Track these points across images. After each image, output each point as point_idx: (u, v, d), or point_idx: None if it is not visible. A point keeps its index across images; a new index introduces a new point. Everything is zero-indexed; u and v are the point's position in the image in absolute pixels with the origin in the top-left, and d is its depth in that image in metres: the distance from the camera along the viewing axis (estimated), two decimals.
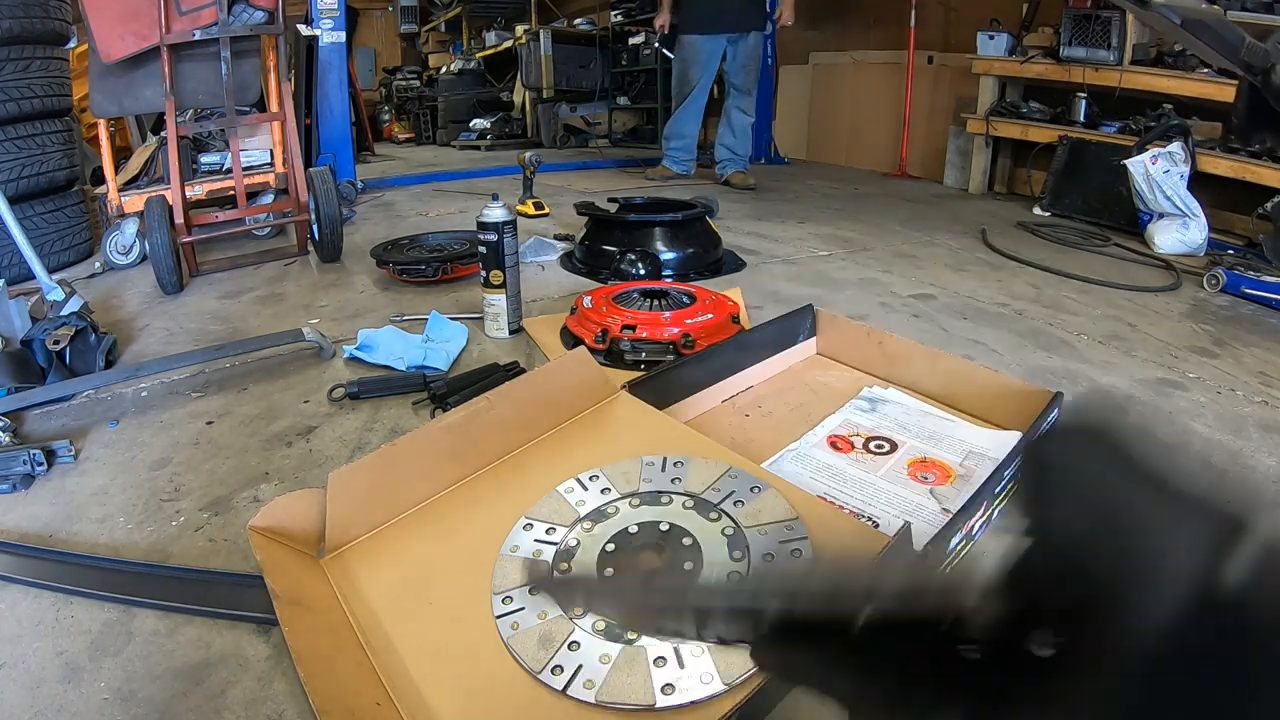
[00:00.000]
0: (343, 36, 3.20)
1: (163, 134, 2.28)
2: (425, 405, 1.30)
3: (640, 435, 1.02)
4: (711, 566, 0.77)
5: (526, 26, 6.69)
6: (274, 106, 2.30)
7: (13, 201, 1.81)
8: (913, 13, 3.92)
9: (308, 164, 2.72)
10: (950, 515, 0.87)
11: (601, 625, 0.70)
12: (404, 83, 8.17)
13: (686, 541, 0.81)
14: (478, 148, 6.21)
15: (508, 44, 6.99)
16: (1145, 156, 2.59)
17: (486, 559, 0.81)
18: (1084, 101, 3.23)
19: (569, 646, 0.69)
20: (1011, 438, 1.12)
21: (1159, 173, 2.55)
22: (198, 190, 2.39)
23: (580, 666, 0.67)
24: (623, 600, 0.40)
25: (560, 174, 4.27)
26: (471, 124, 6.56)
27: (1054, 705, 0.21)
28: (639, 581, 0.44)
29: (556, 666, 0.67)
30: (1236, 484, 0.21)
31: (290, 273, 2.21)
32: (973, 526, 0.86)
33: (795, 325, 1.42)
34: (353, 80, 4.86)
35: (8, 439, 1.15)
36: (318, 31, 3.06)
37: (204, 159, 2.64)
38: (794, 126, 5.27)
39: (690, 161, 3.90)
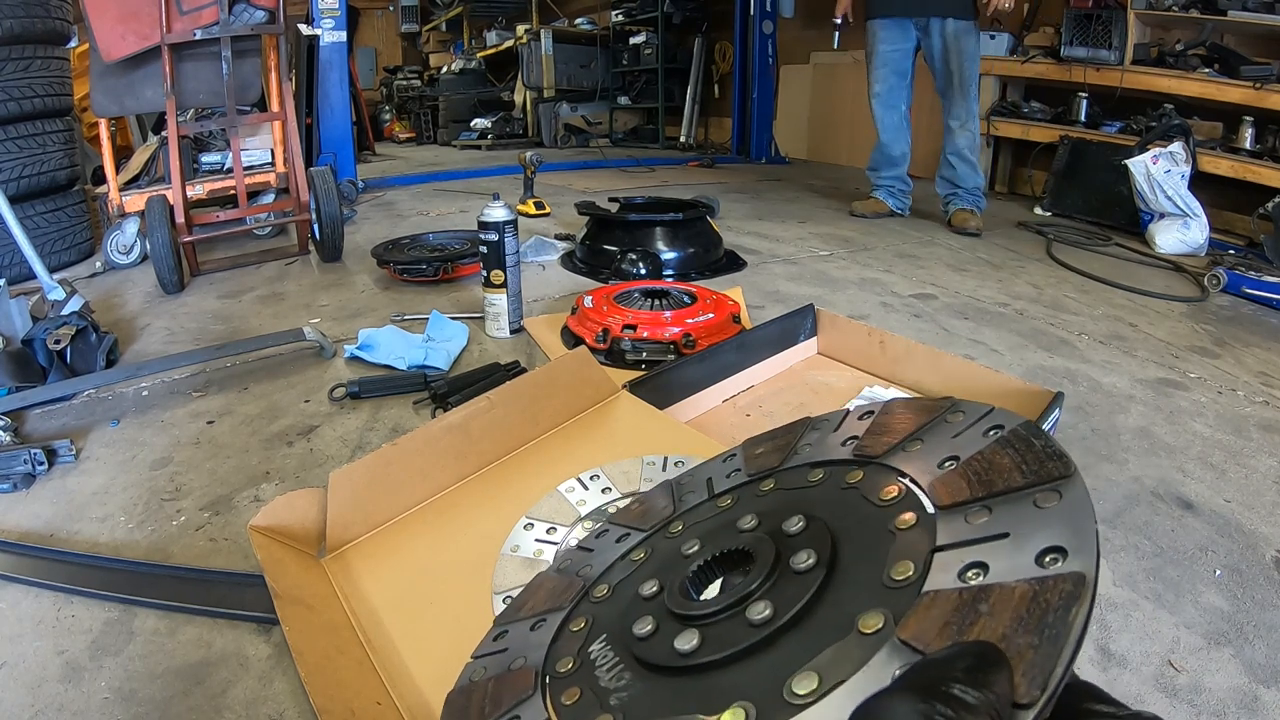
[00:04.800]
0: (344, 36, 3.20)
1: (163, 133, 2.28)
2: (426, 405, 1.30)
3: (641, 435, 1.02)
4: None
5: (527, 26, 6.71)
6: (275, 106, 2.30)
7: (14, 201, 1.81)
8: None
9: (308, 163, 2.72)
10: None
11: None
12: (405, 82, 8.18)
13: None
14: (478, 147, 6.21)
15: (509, 43, 7.00)
16: (1146, 156, 2.59)
17: (487, 558, 0.81)
18: (1085, 101, 3.24)
19: None
20: None
21: (1160, 172, 2.55)
22: (198, 190, 2.39)
23: None
24: None
25: (561, 174, 4.26)
26: (472, 123, 6.56)
27: None
28: None
29: None
30: None
31: (291, 272, 2.21)
32: None
33: (796, 325, 1.42)
34: (353, 80, 4.86)
35: (9, 438, 1.15)
36: (318, 31, 3.06)
37: (205, 158, 2.64)
38: (794, 126, 5.26)
39: (907, 194, 3.08)
